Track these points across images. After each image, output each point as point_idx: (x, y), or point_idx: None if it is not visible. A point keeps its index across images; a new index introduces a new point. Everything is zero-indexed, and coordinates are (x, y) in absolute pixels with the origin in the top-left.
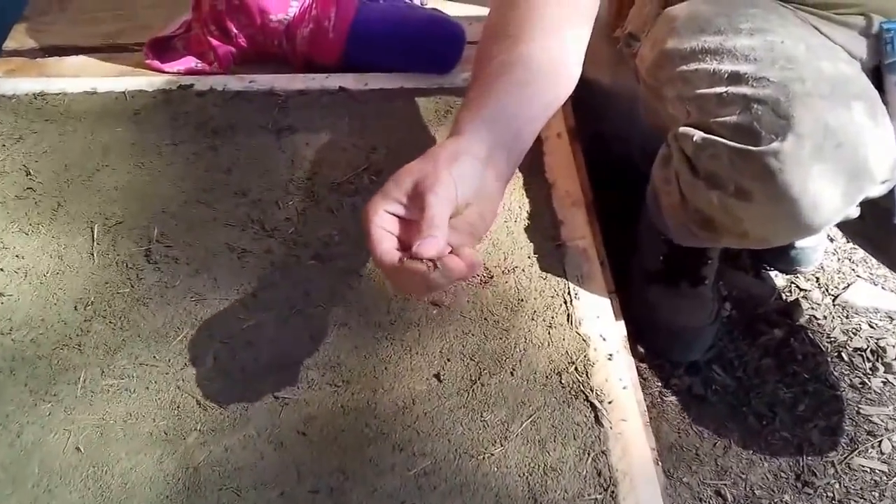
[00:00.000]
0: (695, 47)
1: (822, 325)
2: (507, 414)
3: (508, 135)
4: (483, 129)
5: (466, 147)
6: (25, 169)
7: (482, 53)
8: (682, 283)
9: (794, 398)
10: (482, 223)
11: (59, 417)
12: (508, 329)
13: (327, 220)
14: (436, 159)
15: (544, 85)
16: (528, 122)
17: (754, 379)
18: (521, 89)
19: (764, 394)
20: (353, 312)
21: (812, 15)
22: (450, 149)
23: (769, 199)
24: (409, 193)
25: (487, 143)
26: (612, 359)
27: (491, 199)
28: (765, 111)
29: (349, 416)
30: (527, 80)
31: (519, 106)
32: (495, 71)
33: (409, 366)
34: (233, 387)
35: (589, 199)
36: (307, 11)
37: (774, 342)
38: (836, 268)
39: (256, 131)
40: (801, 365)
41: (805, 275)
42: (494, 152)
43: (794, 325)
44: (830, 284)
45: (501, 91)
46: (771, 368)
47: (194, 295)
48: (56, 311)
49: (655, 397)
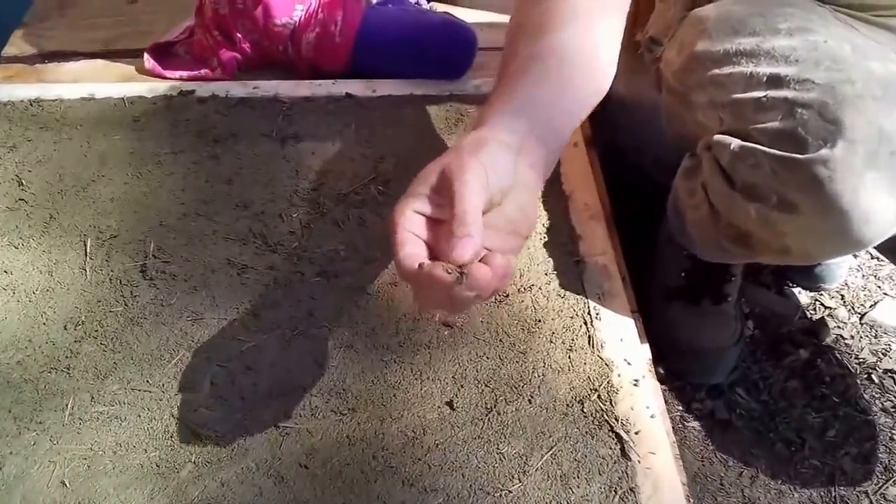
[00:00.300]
0: (728, 49)
1: (850, 345)
2: (525, 446)
3: (538, 125)
4: (509, 118)
5: (492, 134)
6: (18, 179)
7: (508, 50)
8: (704, 301)
9: (823, 423)
10: (524, 218)
11: (44, 447)
12: (525, 352)
13: (333, 233)
14: (459, 149)
15: (576, 76)
16: (560, 114)
17: (780, 402)
18: (551, 79)
19: (791, 418)
20: (359, 334)
21: (850, 17)
22: (474, 137)
23: (816, 212)
24: (435, 186)
25: (516, 132)
26: (638, 385)
27: (528, 189)
28: (811, 116)
29: (355, 447)
30: (557, 70)
31: (550, 96)
32: (522, 65)
33: (419, 392)
34: (230, 415)
35: (608, 212)
36: (313, 15)
37: (800, 363)
38: (862, 284)
39: (260, 140)
40: (830, 387)
41: (829, 292)
42: (525, 141)
43: (820, 344)
44: (856, 302)
45: (529, 83)
46: (798, 391)
47: (191, 314)
48: (44, 331)
49: (677, 422)
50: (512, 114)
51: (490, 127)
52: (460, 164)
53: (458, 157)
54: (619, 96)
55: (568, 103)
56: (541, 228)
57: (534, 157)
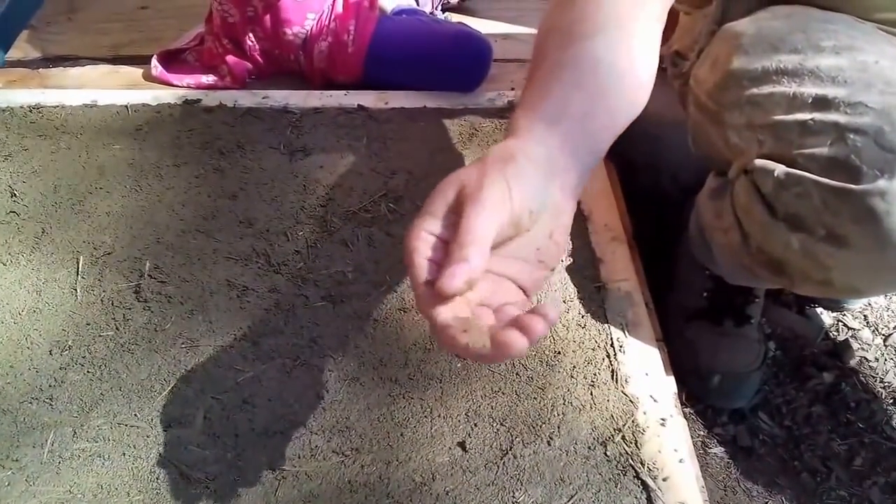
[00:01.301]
0: (767, 67)
1: (875, 367)
2: (543, 494)
3: (571, 138)
4: (542, 128)
5: (522, 147)
6: (11, 190)
7: (537, 54)
8: (727, 322)
9: (849, 451)
10: (553, 247)
11: (19, 489)
12: (544, 387)
13: (341, 254)
14: (484, 161)
15: (611, 87)
16: (595, 128)
17: (804, 428)
18: (585, 88)
19: (816, 445)
20: (366, 365)
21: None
22: (502, 149)
23: (870, 247)
24: (452, 205)
25: (548, 146)
26: (666, 424)
27: (559, 214)
28: (864, 143)
29: (357, 493)
30: (591, 79)
31: (584, 107)
32: (553, 70)
33: (429, 431)
34: (223, 454)
35: (630, 234)
36: (325, 25)
37: (824, 387)
38: (885, 305)
39: (267, 152)
40: (855, 413)
41: (852, 312)
42: (558, 157)
43: (844, 367)
44: (880, 323)
45: (561, 90)
46: (822, 417)
47: (186, 341)
48: (28, 355)
49: (698, 448)
50: (544, 124)
51: (520, 137)
52: (480, 181)
53: (479, 172)
54: None
55: (603, 116)
56: None
57: (566, 176)
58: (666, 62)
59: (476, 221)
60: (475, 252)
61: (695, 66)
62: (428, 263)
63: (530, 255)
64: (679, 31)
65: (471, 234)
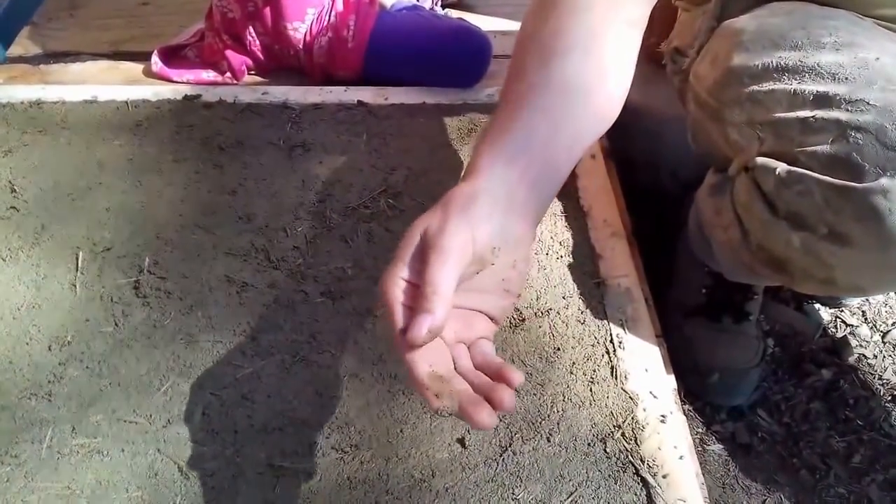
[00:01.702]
0: (767, 64)
1: (873, 364)
2: (543, 491)
3: (533, 168)
4: (502, 164)
5: (484, 186)
6: (10, 185)
7: (516, 65)
8: (725, 319)
9: (848, 448)
10: (516, 276)
11: (18, 485)
12: (544, 384)
13: (340, 250)
14: (446, 204)
15: (577, 109)
16: (557, 152)
17: (803, 425)
18: (549, 115)
19: (815, 442)
20: (365, 361)
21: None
22: (464, 191)
23: (873, 246)
24: (416, 251)
25: (508, 182)
26: (666, 421)
27: (518, 245)
28: (866, 140)
29: (356, 490)
30: (558, 104)
31: (547, 134)
32: (524, 96)
33: (428, 428)
34: (222, 451)
35: (629, 229)
36: (325, 20)
37: (823, 384)
38: (883, 301)
39: (267, 148)
40: (854, 410)
41: (850, 309)
42: (517, 191)
43: (842, 364)
44: (878, 320)
45: (527, 119)
46: (821, 414)
47: (185, 336)
48: (27, 351)
49: (696, 445)
50: (504, 159)
51: (480, 176)
52: (443, 227)
53: (442, 217)
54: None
55: (566, 140)
56: (558, 247)
57: (526, 208)
58: (665, 59)
59: (438, 272)
60: (437, 303)
61: (695, 62)
62: (403, 309)
63: (496, 286)
64: (678, 27)
65: (432, 285)
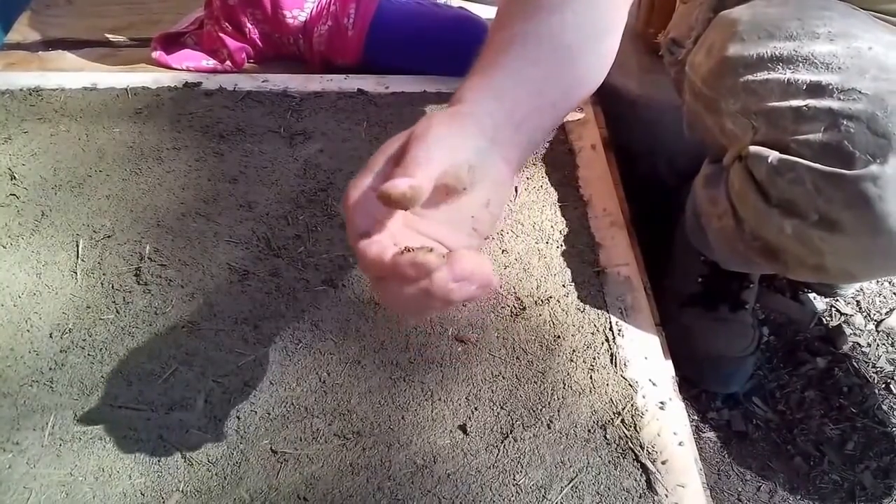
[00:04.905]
0: (762, 54)
1: (867, 353)
2: (543, 477)
3: (520, 113)
4: (489, 100)
5: (470, 111)
6: (10, 173)
7: (498, 21)
8: (721, 308)
9: (841, 436)
10: (487, 217)
11: (19, 471)
12: (544, 371)
13: (341, 238)
14: (429, 118)
15: (569, 65)
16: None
17: (797, 413)
18: (542, 65)
19: (809, 430)
20: (367, 349)
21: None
22: (448, 111)
23: (863, 232)
24: (395, 157)
25: (493, 118)
26: (665, 408)
27: (498, 185)
28: (857, 128)
29: (359, 476)
30: (550, 55)
31: (537, 85)
32: (513, 40)
33: (430, 415)
34: (224, 437)
35: (629, 219)
36: (325, 8)
37: (817, 372)
38: (877, 290)
39: (267, 136)
40: (847, 398)
41: (845, 298)
42: (503, 128)
43: (836, 353)
44: (872, 309)
45: (517, 62)
46: (815, 401)
47: (186, 324)
48: (28, 338)
49: (692, 432)
50: (490, 94)
51: (467, 105)
52: (426, 128)
53: (425, 124)
54: (631, 96)
55: (554, 94)
56: (558, 236)
57: (510, 149)
58: (663, 49)
59: (420, 151)
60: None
61: (691, 53)
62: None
63: (465, 222)
64: (676, 18)
65: (415, 161)
